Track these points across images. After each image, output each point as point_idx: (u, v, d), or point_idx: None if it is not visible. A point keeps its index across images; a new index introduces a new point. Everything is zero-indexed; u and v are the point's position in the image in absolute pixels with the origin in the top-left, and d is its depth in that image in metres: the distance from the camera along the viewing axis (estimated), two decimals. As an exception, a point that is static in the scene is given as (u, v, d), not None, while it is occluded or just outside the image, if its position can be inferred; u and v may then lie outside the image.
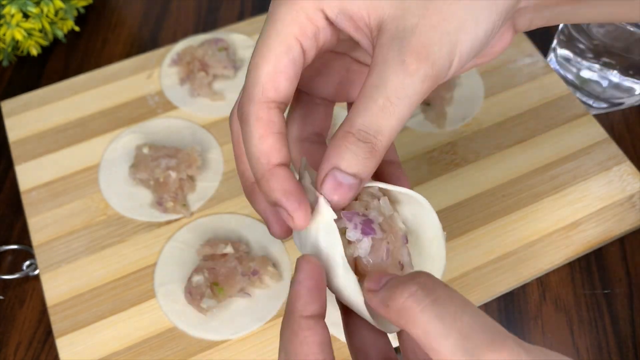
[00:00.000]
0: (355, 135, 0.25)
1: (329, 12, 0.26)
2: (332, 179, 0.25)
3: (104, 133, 0.57)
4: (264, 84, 0.26)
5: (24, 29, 0.59)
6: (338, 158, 0.25)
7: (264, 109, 0.26)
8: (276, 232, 0.29)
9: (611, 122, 0.58)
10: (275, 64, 0.26)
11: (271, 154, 0.26)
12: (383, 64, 0.25)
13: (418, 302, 0.22)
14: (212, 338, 0.46)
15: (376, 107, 0.25)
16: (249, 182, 0.30)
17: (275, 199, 0.26)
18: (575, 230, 0.50)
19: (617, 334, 0.47)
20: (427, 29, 0.25)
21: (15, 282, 0.51)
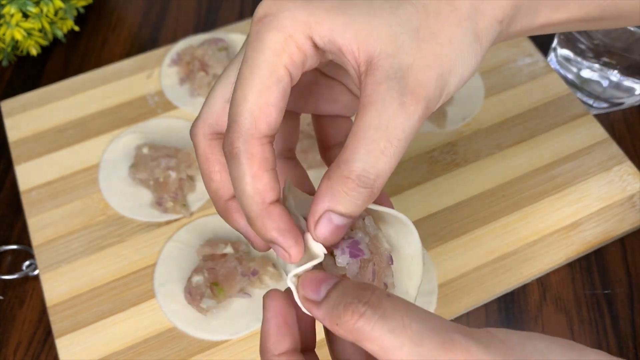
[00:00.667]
0: (354, 181, 0.24)
1: (318, 40, 0.25)
2: (328, 222, 0.25)
3: (103, 133, 0.57)
4: (256, 118, 0.25)
5: (23, 28, 0.59)
6: (335, 202, 0.25)
7: (257, 145, 0.25)
8: (261, 248, 0.29)
9: (611, 122, 0.58)
10: (267, 97, 0.25)
11: (266, 193, 0.25)
12: (380, 103, 0.24)
13: (368, 322, 0.22)
14: (212, 338, 0.46)
15: (377, 151, 0.24)
16: (223, 201, 0.29)
17: (271, 237, 0.26)
18: (575, 230, 0.50)
19: (617, 334, 0.46)
20: (422, 69, 0.25)
21: (15, 282, 0.51)
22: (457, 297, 0.47)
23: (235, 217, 0.29)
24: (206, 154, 0.29)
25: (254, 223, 0.26)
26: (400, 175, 0.53)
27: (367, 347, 0.23)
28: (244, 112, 0.25)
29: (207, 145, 0.29)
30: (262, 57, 0.25)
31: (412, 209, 0.52)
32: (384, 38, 0.25)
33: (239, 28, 0.64)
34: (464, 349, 0.21)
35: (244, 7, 0.68)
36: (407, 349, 0.22)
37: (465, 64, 0.26)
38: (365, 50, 0.25)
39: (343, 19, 0.25)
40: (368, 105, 0.25)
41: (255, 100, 0.25)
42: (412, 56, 0.25)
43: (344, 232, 0.26)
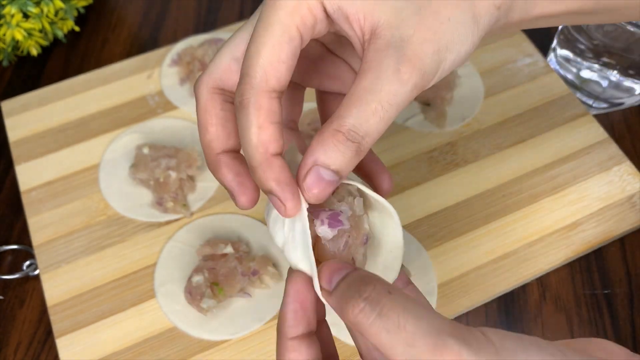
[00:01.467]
0: (345, 134, 0.26)
1: (328, 6, 0.27)
2: (315, 173, 0.26)
3: (104, 133, 0.57)
4: (266, 72, 0.26)
5: (24, 29, 0.59)
6: (323, 154, 0.26)
7: (265, 98, 0.27)
8: (243, 203, 0.30)
9: (611, 122, 0.58)
10: (279, 53, 0.26)
11: (270, 144, 0.27)
12: (377, 69, 0.26)
13: (367, 317, 0.24)
14: (212, 338, 0.46)
15: (369, 111, 0.26)
16: (214, 154, 0.30)
17: (270, 187, 0.27)
18: (575, 231, 0.50)
19: (617, 334, 0.47)
20: (420, 41, 0.27)
21: (16, 282, 0.51)
22: (456, 297, 0.47)
23: (224, 171, 0.30)
24: (206, 106, 0.30)
25: (255, 171, 0.27)
26: (400, 175, 0.53)
27: (369, 341, 0.24)
28: (256, 66, 0.26)
29: (208, 97, 0.30)
30: (275, 16, 0.26)
31: (412, 209, 0.52)
32: (388, 10, 0.27)
33: (239, 28, 0.64)
34: (455, 353, 0.22)
35: (244, 7, 0.68)
36: (401, 349, 0.23)
37: (462, 42, 0.28)
38: (370, 20, 0.27)
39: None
40: (366, 70, 0.26)
41: (267, 55, 0.26)
42: (412, 29, 0.26)
43: (331, 189, 0.27)
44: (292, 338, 0.27)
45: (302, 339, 0.27)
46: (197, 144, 0.56)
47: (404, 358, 0.23)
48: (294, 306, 0.27)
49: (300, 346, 0.27)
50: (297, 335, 0.27)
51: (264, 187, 0.27)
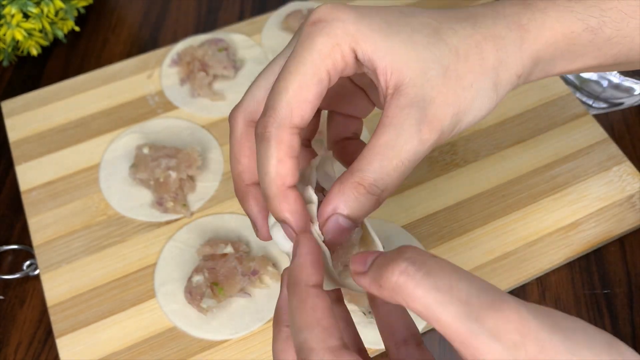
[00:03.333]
0: (366, 188, 0.27)
1: (360, 55, 0.28)
2: (335, 222, 0.28)
3: (104, 133, 0.57)
4: (292, 109, 0.27)
5: (24, 29, 0.59)
6: (344, 205, 0.28)
7: (287, 134, 0.28)
8: (264, 237, 0.32)
9: (611, 122, 0.58)
10: (306, 93, 0.28)
11: (287, 177, 0.28)
12: (399, 126, 0.27)
13: (411, 278, 0.23)
14: (212, 338, 0.46)
15: (390, 167, 0.27)
16: (244, 185, 0.32)
17: (284, 217, 0.28)
18: (575, 230, 0.50)
19: (617, 334, 0.47)
20: (442, 104, 0.28)
21: (16, 282, 0.51)
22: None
23: (252, 202, 0.32)
24: (241, 138, 0.31)
25: (271, 202, 0.28)
26: (400, 176, 0.53)
27: (411, 307, 0.23)
28: (283, 102, 0.28)
29: (244, 130, 0.31)
30: (309, 57, 0.28)
31: (412, 209, 0.52)
32: (415, 70, 0.28)
33: (239, 28, 0.64)
34: (514, 310, 0.21)
35: (244, 7, 0.68)
36: (455, 307, 0.22)
37: (480, 108, 0.29)
38: (397, 77, 0.28)
39: (385, 44, 0.28)
40: (388, 126, 0.27)
41: (295, 93, 0.28)
42: (436, 91, 0.28)
43: (347, 234, 0.29)
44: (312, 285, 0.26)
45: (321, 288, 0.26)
46: (197, 143, 0.56)
47: (456, 316, 0.21)
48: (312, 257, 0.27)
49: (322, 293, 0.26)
50: (316, 284, 0.26)
51: (278, 217, 0.28)
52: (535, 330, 0.21)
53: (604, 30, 0.31)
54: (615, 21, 0.31)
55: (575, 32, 0.30)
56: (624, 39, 0.31)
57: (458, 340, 0.21)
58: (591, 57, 0.32)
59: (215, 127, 0.57)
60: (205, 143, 0.56)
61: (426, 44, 0.28)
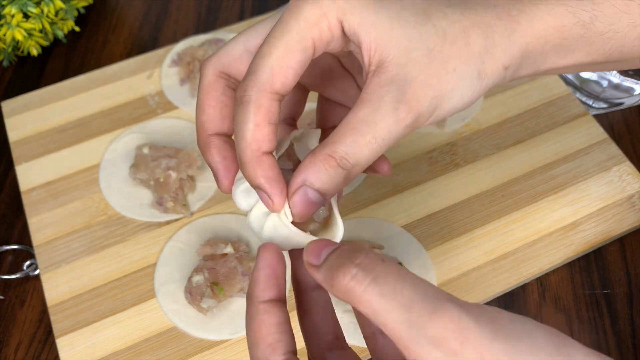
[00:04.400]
0: (337, 160, 0.27)
1: (347, 28, 0.28)
2: (303, 193, 0.28)
3: (104, 133, 0.57)
4: (273, 74, 0.27)
5: (24, 29, 0.59)
6: (314, 176, 0.27)
7: (267, 98, 0.27)
8: (226, 187, 0.32)
9: (611, 122, 0.58)
10: (289, 59, 0.27)
11: (263, 142, 0.27)
12: (377, 102, 0.27)
13: (360, 283, 0.23)
14: (212, 338, 0.46)
15: (363, 142, 0.27)
16: (206, 135, 0.31)
17: (259, 183, 0.28)
18: (574, 230, 0.50)
19: (617, 334, 0.47)
20: (422, 85, 0.27)
21: (16, 282, 0.51)
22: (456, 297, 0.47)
23: (213, 151, 0.31)
24: (209, 87, 0.31)
25: (245, 167, 0.28)
26: (400, 175, 0.53)
27: (359, 309, 0.23)
28: (265, 66, 0.27)
29: (213, 79, 0.31)
30: (295, 24, 0.27)
31: (412, 209, 0.52)
32: (400, 48, 0.27)
33: (239, 28, 0.64)
34: (454, 318, 0.22)
35: (244, 7, 0.68)
36: (397, 313, 0.22)
37: (461, 95, 0.29)
38: (380, 53, 0.27)
39: (372, 18, 0.27)
40: (366, 102, 0.27)
41: (277, 58, 0.27)
42: (417, 71, 0.27)
43: (314, 209, 0.28)
44: (263, 301, 0.27)
45: (274, 303, 0.27)
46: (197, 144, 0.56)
47: (399, 322, 0.22)
48: (267, 271, 0.27)
49: (272, 309, 0.27)
50: (268, 300, 0.27)
51: (252, 182, 0.28)
52: (475, 337, 0.21)
53: (595, 25, 0.30)
54: (608, 15, 0.30)
55: (567, 26, 0.30)
56: (617, 34, 0.30)
57: (402, 345, 0.22)
58: (583, 53, 0.31)
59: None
60: (205, 143, 0.56)
61: (414, 23, 0.28)
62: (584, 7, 0.30)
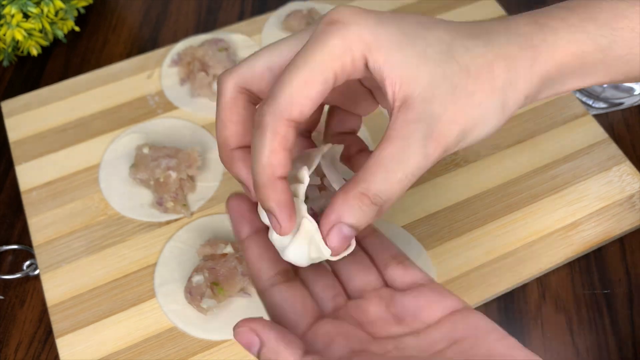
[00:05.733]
0: (370, 199, 0.28)
1: (371, 63, 0.28)
2: (338, 231, 0.29)
3: (104, 133, 0.57)
4: (292, 103, 0.28)
5: (24, 29, 0.59)
6: (348, 215, 0.28)
7: (284, 125, 0.28)
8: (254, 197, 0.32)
9: (611, 122, 0.58)
10: (309, 90, 0.28)
11: (277, 167, 0.28)
12: (406, 140, 0.28)
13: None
14: (212, 338, 0.46)
15: (395, 180, 0.28)
16: (229, 149, 0.32)
17: (270, 207, 0.29)
18: (574, 230, 0.50)
19: (617, 334, 0.47)
20: (449, 122, 0.28)
21: (16, 282, 0.51)
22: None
23: (239, 165, 0.32)
24: (230, 103, 0.31)
25: (259, 190, 0.29)
26: (400, 176, 0.53)
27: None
28: (284, 94, 0.28)
29: (234, 95, 0.31)
30: (319, 55, 0.28)
31: (411, 208, 0.52)
32: (425, 85, 0.28)
33: (239, 28, 0.64)
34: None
35: (244, 7, 0.68)
36: None
37: (486, 126, 0.30)
38: (405, 90, 0.28)
39: (398, 56, 0.28)
40: (394, 139, 0.28)
41: (298, 88, 0.28)
42: (444, 108, 0.28)
43: (349, 242, 0.29)
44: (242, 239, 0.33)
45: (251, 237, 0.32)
46: (197, 143, 0.56)
47: None
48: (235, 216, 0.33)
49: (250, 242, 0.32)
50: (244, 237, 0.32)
51: (264, 205, 0.29)
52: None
53: (614, 49, 0.31)
54: (626, 40, 0.30)
55: (586, 52, 0.30)
56: (636, 56, 0.31)
57: None
58: (601, 75, 0.32)
59: (215, 127, 0.57)
60: (205, 143, 0.56)
61: (438, 61, 0.28)
62: (604, 33, 0.30)
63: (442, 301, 0.30)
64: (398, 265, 0.33)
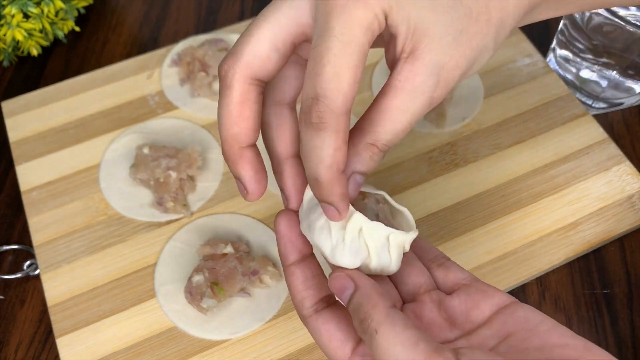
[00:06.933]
0: (379, 148, 0.29)
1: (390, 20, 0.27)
2: (354, 182, 0.30)
3: (104, 133, 0.57)
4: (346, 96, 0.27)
5: (24, 29, 0.59)
6: (360, 165, 0.29)
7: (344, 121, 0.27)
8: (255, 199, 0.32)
9: (611, 123, 0.58)
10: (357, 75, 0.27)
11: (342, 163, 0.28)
12: (413, 91, 0.28)
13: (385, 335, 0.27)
14: (212, 338, 0.46)
15: (401, 129, 0.29)
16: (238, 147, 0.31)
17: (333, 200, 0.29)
18: (574, 230, 0.50)
19: (617, 334, 0.47)
20: (452, 68, 0.28)
21: (16, 282, 0.51)
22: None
23: (247, 166, 0.31)
24: (243, 98, 0.29)
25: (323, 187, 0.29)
26: (400, 175, 0.53)
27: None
28: (337, 91, 0.27)
29: (245, 89, 0.29)
30: (353, 34, 0.26)
31: (411, 209, 0.51)
32: (434, 35, 0.28)
33: (239, 29, 0.64)
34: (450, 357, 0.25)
35: (244, 7, 0.68)
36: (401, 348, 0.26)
37: (479, 65, 0.30)
38: (415, 41, 0.28)
39: (413, 9, 0.27)
40: (400, 90, 0.28)
41: (348, 80, 0.27)
42: (449, 56, 0.28)
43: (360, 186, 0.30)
44: (287, 266, 0.32)
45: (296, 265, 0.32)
46: (197, 143, 0.56)
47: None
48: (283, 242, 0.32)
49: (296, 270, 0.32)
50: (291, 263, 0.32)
51: (327, 200, 0.29)
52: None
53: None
54: None
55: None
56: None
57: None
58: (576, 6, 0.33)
59: (215, 127, 0.57)
60: (205, 143, 0.56)
61: (447, 7, 0.28)
62: None
63: (488, 299, 0.31)
64: (439, 268, 0.34)
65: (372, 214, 0.34)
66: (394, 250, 0.31)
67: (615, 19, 0.50)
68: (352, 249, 0.30)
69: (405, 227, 0.33)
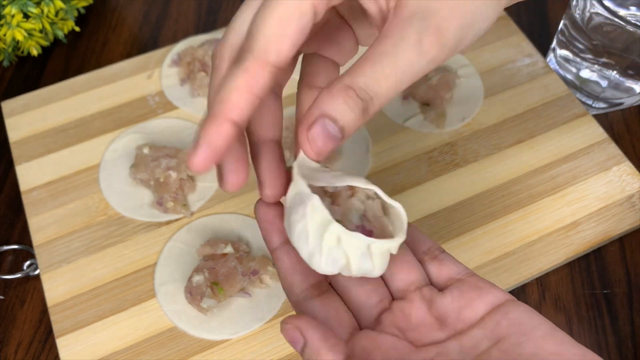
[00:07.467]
0: (356, 91, 0.25)
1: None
2: (321, 125, 0.26)
3: (104, 133, 0.57)
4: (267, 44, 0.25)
5: (24, 29, 0.59)
6: (332, 107, 0.26)
7: (257, 68, 0.25)
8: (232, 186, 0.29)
9: (611, 123, 0.58)
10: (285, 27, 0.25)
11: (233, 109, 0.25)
12: (398, 36, 0.25)
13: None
14: (212, 338, 0.46)
15: (383, 74, 0.25)
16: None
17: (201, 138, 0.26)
18: (574, 230, 0.50)
19: (617, 334, 0.47)
20: (447, 16, 0.26)
21: (16, 282, 0.51)
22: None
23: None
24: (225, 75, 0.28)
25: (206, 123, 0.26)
26: (400, 175, 0.53)
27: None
28: (259, 37, 0.25)
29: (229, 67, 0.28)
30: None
31: (411, 209, 0.52)
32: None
33: (239, 28, 0.64)
34: None
35: (244, 7, 0.68)
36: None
37: (484, 19, 0.27)
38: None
39: None
40: (387, 37, 0.26)
41: (272, 28, 0.25)
42: (441, 2, 0.26)
43: (333, 145, 0.26)
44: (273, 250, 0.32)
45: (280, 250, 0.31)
46: (197, 144, 0.55)
47: None
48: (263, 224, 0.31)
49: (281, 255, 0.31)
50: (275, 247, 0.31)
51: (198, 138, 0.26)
52: None
53: None
54: None
55: None
56: None
57: None
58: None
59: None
60: (205, 143, 0.56)
61: None
62: None
63: (482, 297, 0.29)
64: (433, 261, 0.32)
65: (357, 215, 0.32)
66: (376, 258, 0.29)
67: (615, 19, 0.50)
68: (329, 258, 0.28)
69: (397, 224, 0.31)
